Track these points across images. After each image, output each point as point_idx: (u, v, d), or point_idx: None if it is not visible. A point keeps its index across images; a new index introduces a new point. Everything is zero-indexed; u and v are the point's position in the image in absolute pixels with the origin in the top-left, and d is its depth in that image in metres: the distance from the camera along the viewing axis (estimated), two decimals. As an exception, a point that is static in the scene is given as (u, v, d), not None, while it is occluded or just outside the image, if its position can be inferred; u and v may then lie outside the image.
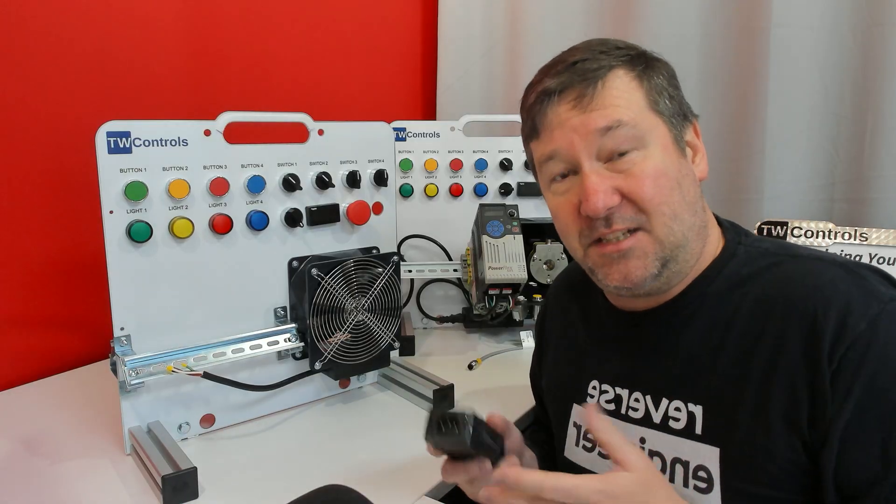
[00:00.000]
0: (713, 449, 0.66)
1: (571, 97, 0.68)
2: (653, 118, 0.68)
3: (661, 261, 0.68)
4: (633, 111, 0.67)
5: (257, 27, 1.52)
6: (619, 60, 0.68)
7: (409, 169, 1.42)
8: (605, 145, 0.67)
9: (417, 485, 0.86)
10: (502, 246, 1.24)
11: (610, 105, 0.67)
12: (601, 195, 0.66)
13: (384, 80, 1.85)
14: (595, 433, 0.61)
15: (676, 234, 0.68)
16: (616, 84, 0.67)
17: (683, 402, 0.69)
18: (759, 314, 0.66)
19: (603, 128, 0.66)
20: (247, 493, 0.85)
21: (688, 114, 0.72)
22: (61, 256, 1.25)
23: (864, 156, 1.37)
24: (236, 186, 0.98)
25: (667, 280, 0.70)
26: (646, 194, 0.66)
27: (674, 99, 0.70)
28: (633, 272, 0.68)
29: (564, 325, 0.87)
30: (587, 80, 0.67)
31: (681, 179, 0.68)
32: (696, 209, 0.69)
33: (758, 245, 0.72)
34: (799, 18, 1.38)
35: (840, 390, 0.60)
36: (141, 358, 0.89)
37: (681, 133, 0.70)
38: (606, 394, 0.77)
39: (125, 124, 0.88)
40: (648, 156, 0.67)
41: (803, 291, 0.64)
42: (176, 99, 1.38)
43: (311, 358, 1.03)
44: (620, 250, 0.68)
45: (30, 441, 0.98)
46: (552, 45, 1.69)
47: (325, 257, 1.05)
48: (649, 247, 0.68)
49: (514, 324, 1.37)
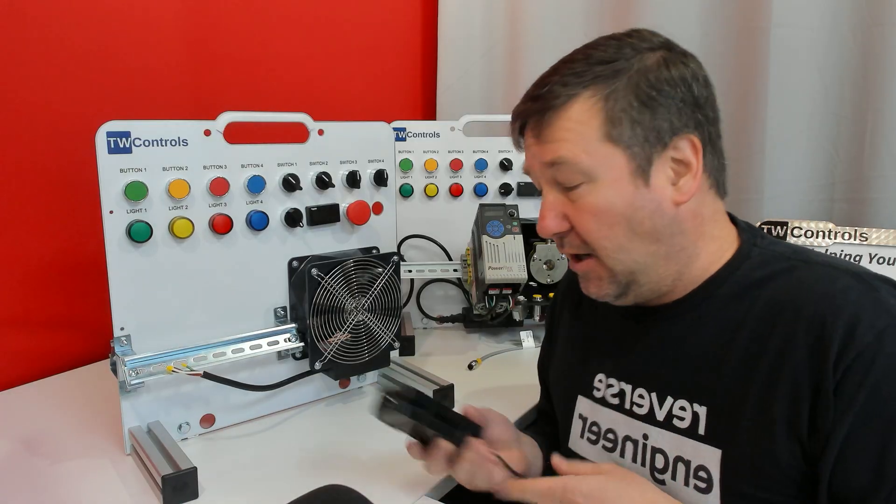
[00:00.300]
0: (715, 450, 0.66)
1: (532, 125, 0.71)
2: (606, 149, 0.67)
3: (616, 284, 0.71)
4: (579, 146, 0.67)
5: (257, 27, 1.52)
6: (588, 83, 0.67)
7: (409, 169, 1.42)
8: (555, 177, 0.70)
9: (417, 485, 0.86)
10: (502, 246, 1.24)
11: (558, 139, 0.68)
12: (548, 221, 0.71)
13: (384, 80, 1.85)
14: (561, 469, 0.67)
15: (626, 263, 0.69)
16: (571, 115, 0.67)
17: (689, 402, 0.70)
18: (769, 318, 0.66)
19: (548, 162, 0.69)
20: (247, 493, 0.85)
21: (668, 135, 0.67)
22: (61, 256, 1.25)
23: (864, 156, 1.37)
24: (236, 186, 0.98)
25: (644, 293, 0.72)
26: (584, 229, 0.70)
27: (640, 124, 0.66)
28: (592, 291, 0.74)
29: (574, 316, 0.87)
30: (545, 109, 0.68)
31: (631, 212, 0.67)
32: (660, 236, 0.69)
33: (772, 248, 0.72)
34: (799, 18, 1.38)
35: (843, 400, 0.60)
36: (141, 358, 0.89)
37: (648, 159, 0.67)
38: (612, 388, 0.78)
39: (125, 124, 0.88)
40: (594, 190, 0.68)
41: (814, 298, 0.64)
42: (176, 99, 1.38)
43: (311, 358, 1.03)
44: (577, 270, 0.74)
45: (30, 441, 0.98)
46: (552, 45, 1.72)
47: (325, 257, 1.05)
48: (601, 272, 0.71)
49: (514, 324, 1.37)
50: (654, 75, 0.67)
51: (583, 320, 0.85)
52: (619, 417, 0.76)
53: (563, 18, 1.70)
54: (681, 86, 0.67)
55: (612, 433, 0.77)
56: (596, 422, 0.79)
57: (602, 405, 0.79)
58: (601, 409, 0.79)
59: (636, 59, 0.67)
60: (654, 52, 0.68)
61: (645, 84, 0.67)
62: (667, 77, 0.67)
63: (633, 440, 0.74)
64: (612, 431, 0.77)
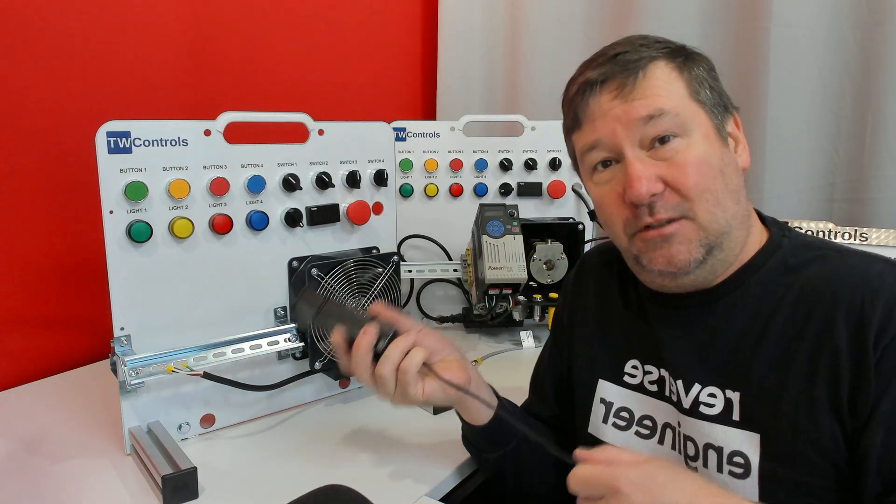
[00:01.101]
0: (753, 435, 0.67)
1: (613, 87, 0.70)
2: (694, 107, 0.70)
3: (705, 247, 0.69)
4: (675, 100, 0.69)
5: (257, 27, 1.52)
6: (660, 52, 0.70)
7: (409, 169, 1.42)
8: (648, 133, 0.69)
9: (417, 485, 0.86)
10: (502, 246, 1.24)
11: (652, 94, 0.68)
12: (644, 182, 0.67)
13: (384, 80, 1.85)
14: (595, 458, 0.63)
15: (720, 221, 0.69)
16: (657, 74, 0.69)
17: (720, 389, 0.70)
18: (806, 303, 0.67)
19: (645, 116, 0.68)
20: (247, 493, 0.85)
21: (728, 105, 0.73)
22: (61, 256, 1.25)
23: (864, 156, 1.37)
24: (236, 186, 0.98)
25: (712, 268, 0.71)
26: (689, 182, 0.68)
27: (714, 90, 0.71)
28: (677, 256, 0.69)
29: (599, 300, 0.86)
30: (628, 70, 0.69)
31: (724, 168, 0.69)
32: (740, 198, 0.71)
33: (802, 238, 0.74)
34: (799, 18, 1.38)
35: (884, 378, 0.61)
36: (141, 358, 0.89)
37: (722, 123, 0.71)
38: (650, 374, 0.78)
39: (125, 124, 0.88)
40: (691, 144, 0.69)
41: (852, 283, 0.65)
42: (176, 99, 1.38)
43: (311, 358, 1.03)
44: (664, 235, 0.69)
45: (30, 441, 0.98)
46: (552, 45, 1.72)
47: (325, 257, 1.05)
48: (693, 233, 0.69)
49: (514, 324, 1.37)
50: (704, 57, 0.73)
51: (608, 305, 0.84)
52: (658, 405, 0.76)
53: (563, 18, 1.70)
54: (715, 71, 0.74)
55: (649, 420, 0.77)
56: (627, 407, 0.79)
57: (639, 392, 0.78)
58: (637, 395, 0.78)
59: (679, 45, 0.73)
60: None
61: (704, 61, 0.73)
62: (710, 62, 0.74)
63: (672, 427, 0.75)
64: (649, 418, 0.77)
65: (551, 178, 1.45)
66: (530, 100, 1.75)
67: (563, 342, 0.91)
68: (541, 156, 1.44)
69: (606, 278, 0.86)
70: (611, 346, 0.82)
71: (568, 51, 1.69)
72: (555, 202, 1.46)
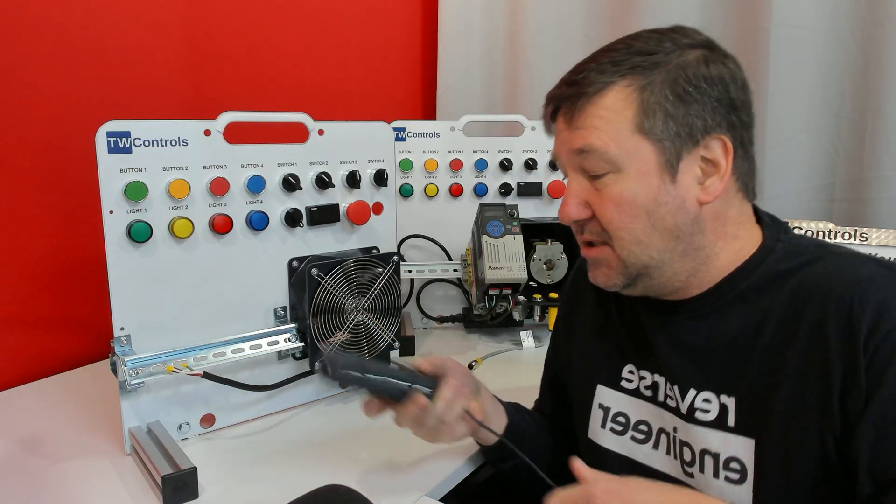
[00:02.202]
0: (748, 440, 0.67)
1: (564, 110, 0.71)
2: (635, 141, 0.67)
3: (626, 276, 0.72)
4: (610, 135, 0.67)
5: (258, 27, 1.52)
6: (629, 71, 0.67)
7: (409, 169, 1.42)
8: (582, 164, 0.70)
9: (417, 485, 0.86)
10: (502, 246, 1.24)
11: (588, 126, 0.68)
12: (569, 207, 0.72)
13: (384, 80, 1.85)
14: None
15: (641, 257, 0.70)
16: (603, 103, 0.68)
17: (715, 394, 0.70)
18: (797, 305, 0.66)
19: (577, 149, 0.69)
20: (247, 493, 0.85)
21: (701, 133, 0.67)
22: (61, 256, 1.25)
23: (864, 156, 1.37)
24: (236, 186, 0.98)
25: (651, 287, 0.72)
26: (605, 218, 0.70)
27: (674, 118, 0.66)
28: (599, 278, 0.74)
29: (596, 304, 0.87)
30: (579, 95, 0.69)
31: (654, 207, 0.68)
32: (679, 234, 0.69)
33: (797, 242, 0.72)
34: (799, 18, 1.38)
35: (873, 379, 0.60)
36: (141, 358, 0.89)
37: (677, 154, 0.67)
38: (644, 379, 0.78)
39: (125, 124, 0.88)
40: (620, 180, 0.68)
41: (842, 285, 0.64)
42: (176, 99, 1.38)
43: (311, 358, 1.03)
44: (589, 256, 0.75)
45: (30, 441, 0.98)
46: (552, 45, 1.73)
47: (325, 257, 1.05)
48: (613, 261, 0.72)
49: (514, 324, 1.37)
50: (693, 71, 0.67)
51: (604, 309, 0.85)
52: (653, 410, 0.77)
53: (563, 18, 1.70)
54: (718, 85, 0.68)
55: (644, 425, 0.77)
56: (623, 412, 0.80)
57: (635, 397, 0.79)
58: (633, 400, 0.79)
59: (676, 53, 0.68)
60: (695, 50, 0.69)
61: (682, 79, 0.67)
62: (705, 74, 0.67)
63: (667, 432, 0.75)
64: (644, 423, 0.78)
65: (551, 178, 1.45)
66: (530, 100, 1.75)
67: (560, 345, 0.92)
68: (541, 156, 1.44)
69: None
70: (608, 351, 0.82)
71: (568, 51, 1.69)
72: (555, 202, 1.46)
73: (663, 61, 0.67)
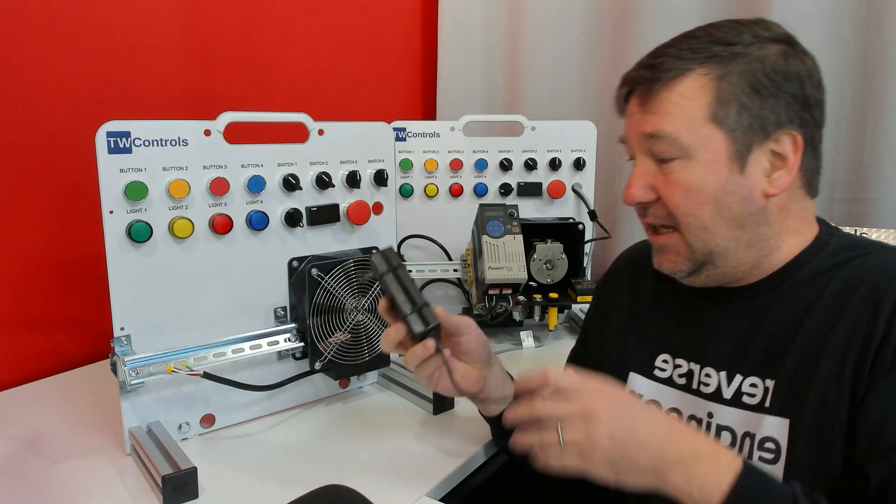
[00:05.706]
0: (783, 420, 0.68)
1: (639, 93, 0.72)
2: (708, 130, 0.68)
3: (692, 262, 0.73)
4: (682, 122, 0.68)
5: (257, 27, 1.52)
6: (707, 60, 0.68)
7: (409, 169, 1.42)
8: (651, 148, 0.71)
9: (417, 485, 0.86)
10: (502, 246, 1.24)
11: (661, 112, 0.69)
12: (634, 189, 0.72)
13: (384, 80, 1.85)
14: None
15: (708, 243, 0.71)
16: (680, 89, 0.68)
17: (760, 378, 0.71)
18: (843, 294, 0.68)
19: (648, 133, 0.70)
20: (247, 493, 0.85)
21: (773, 127, 0.68)
22: (61, 256, 1.25)
23: (864, 156, 1.37)
24: (236, 186, 0.98)
25: (714, 276, 0.73)
26: (672, 203, 0.71)
27: (748, 110, 0.67)
28: (664, 265, 0.75)
29: (633, 294, 0.88)
30: (655, 80, 0.70)
31: (721, 195, 0.69)
32: (745, 223, 0.70)
33: (850, 238, 0.74)
34: (799, 18, 1.38)
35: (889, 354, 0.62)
36: (141, 358, 0.89)
37: (748, 146, 0.68)
38: (679, 368, 0.79)
39: (125, 124, 0.88)
40: (688, 167, 0.69)
41: (888, 276, 0.66)
42: (176, 99, 1.38)
43: (311, 358, 1.03)
44: (655, 242, 0.76)
45: (30, 441, 0.98)
46: (552, 45, 1.73)
47: (325, 257, 1.05)
48: (681, 247, 0.73)
49: (514, 324, 1.37)
50: (771, 65, 0.68)
51: (642, 298, 0.86)
52: (684, 397, 0.78)
53: (563, 18, 1.69)
54: (795, 81, 0.69)
55: (675, 412, 0.78)
56: (656, 401, 0.80)
57: (667, 385, 0.80)
58: (665, 388, 0.80)
59: (756, 46, 0.69)
60: (775, 44, 0.70)
61: (760, 72, 0.68)
62: (783, 70, 0.68)
63: (698, 419, 0.76)
64: (676, 411, 0.78)
65: (551, 178, 1.45)
66: (530, 100, 1.75)
67: (592, 338, 0.94)
68: (541, 156, 1.44)
69: (640, 277, 0.88)
70: (644, 340, 0.84)
71: (568, 51, 1.68)
72: (555, 202, 1.46)
73: (743, 52, 0.68)
